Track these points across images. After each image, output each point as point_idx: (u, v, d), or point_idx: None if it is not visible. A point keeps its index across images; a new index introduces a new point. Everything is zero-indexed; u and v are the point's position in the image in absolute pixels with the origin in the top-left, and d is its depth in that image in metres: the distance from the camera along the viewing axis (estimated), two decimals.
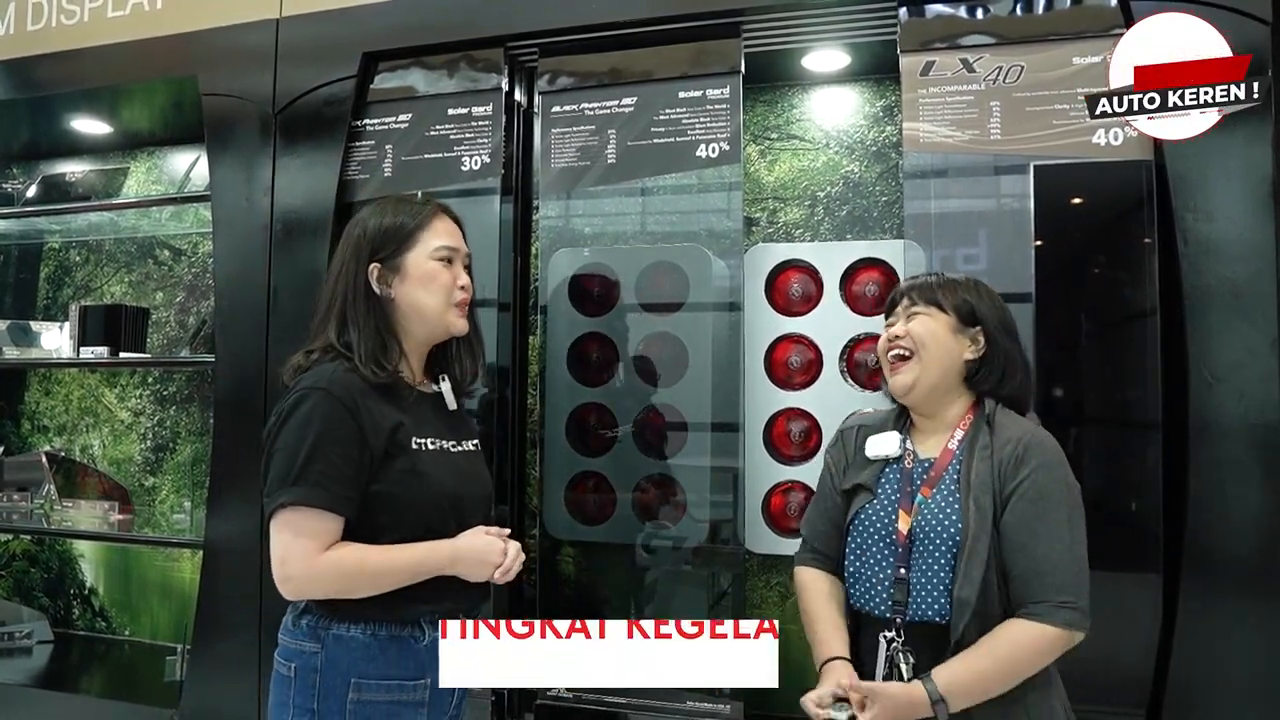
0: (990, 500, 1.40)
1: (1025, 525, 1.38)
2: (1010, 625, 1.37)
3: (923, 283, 1.56)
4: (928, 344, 1.49)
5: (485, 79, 2.34)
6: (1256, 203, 1.77)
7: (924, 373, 1.49)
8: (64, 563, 3.27)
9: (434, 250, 1.55)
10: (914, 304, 1.53)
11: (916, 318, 1.52)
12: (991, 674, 1.36)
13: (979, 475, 1.42)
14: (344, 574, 1.42)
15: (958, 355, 1.50)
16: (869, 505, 1.51)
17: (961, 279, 1.56)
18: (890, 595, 1.44)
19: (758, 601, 2.43)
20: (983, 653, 1.36)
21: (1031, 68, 1.96)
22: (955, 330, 1.50)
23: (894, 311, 1.57)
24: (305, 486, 1.40)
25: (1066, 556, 1.37)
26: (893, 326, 1.55)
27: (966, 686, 1.35)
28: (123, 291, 3.28)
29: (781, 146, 2.53)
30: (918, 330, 1.50)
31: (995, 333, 1.50)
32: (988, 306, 1.52)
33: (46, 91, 2.81)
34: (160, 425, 3.18)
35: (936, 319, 1.51)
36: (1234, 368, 1.75)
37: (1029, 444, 1.43)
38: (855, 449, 1.59)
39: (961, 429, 1.49)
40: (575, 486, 2.30)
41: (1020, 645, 1.36)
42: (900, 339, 1.52)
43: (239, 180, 2.49)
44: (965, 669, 1.35)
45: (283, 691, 1.47)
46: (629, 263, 2.29)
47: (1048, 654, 1.37)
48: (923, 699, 1.34)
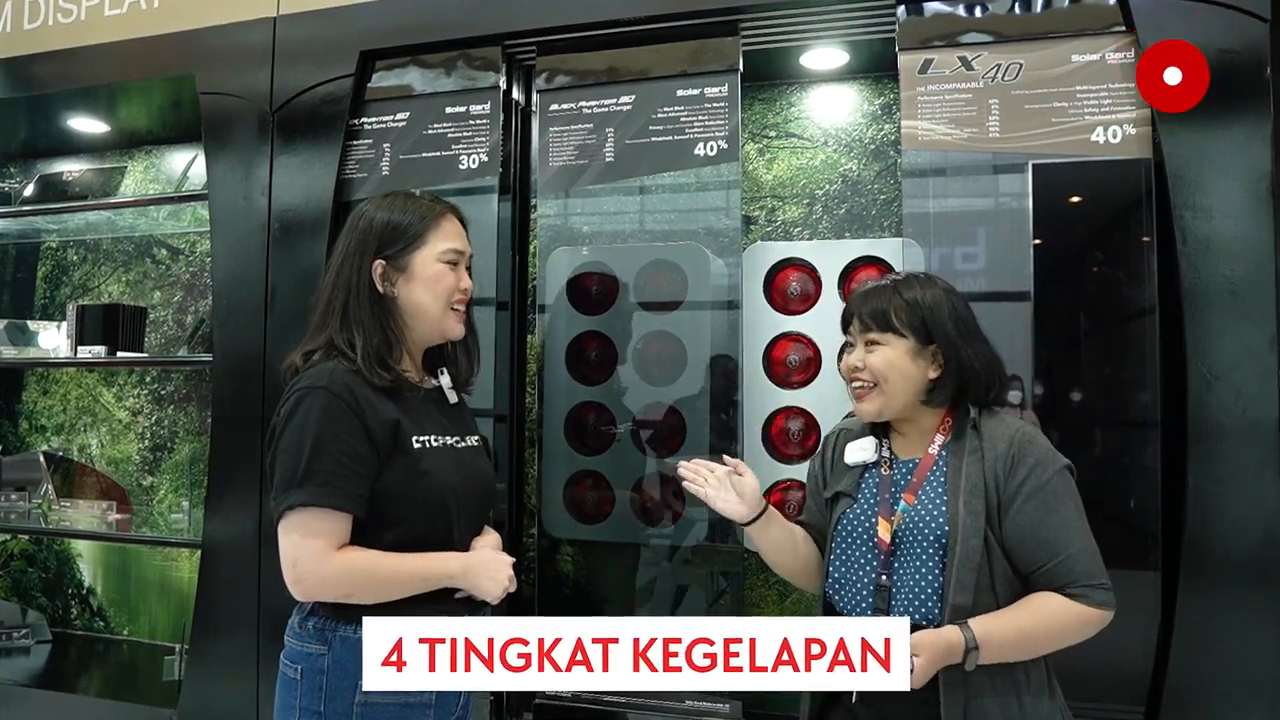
0: (983, 503, 1.39)
1: (1040, 522, 1.38)
2: (1050, 598, 1.37)
3: (874, 306, 1.48)
4: (889, 376, 1.47)
5: (483, 77, 2.33)
6: (1255, 201, 1.77)
7: (888, 401, 1.48)
8: (62, 562, 3.26)
9: (441, 252, 1.55)
10: (868, 329, 1.49)
11: (875, 350, 1.47)
12: (1029, 633, 1.36)
13: (969, 479, 1.41)
14: (355, 577, 1.42)
15: (920, 378, 1.47)
16: (849, 511, 1.51)
17: (912, 281, 1.50)
18: (871, 602, 1.44)
19: (756, 600, 2.43)
20: (1024, 613, 1.36)
21: (1030, 66, 1.96)
22: (915, 354, 1.46)
23: (849, 329, 1.53)
24: (311, 487, 1.39)
25: (1086, 544, 1.39)
26: (851, 355, 1.52)
27: (1000, 639, 1.34)
28: (120, 291, 3.28)
29: (780, 145, 2.52)
30: (877, 364, 1.47)
31: (953, 346, 1.46)
32: (943, 315, 1.46)
33: (43, 90, 2.80)
34: (158, 425, 3.18)
35: (895, 347, 1.47)
36: (1233, 366, 1.75)
37: (1020, 443, 1.43)
38: (835, 455, 1.60)
39: (942, 434, 1.49)
40: (574, 485, 2.30)
41: (1059, 617, 1.36)
42: (860, 371, 1.49)
43: (236, 179, 2.49)
44: (1005, 623, 1.35)
45: (289, 694, 1.47)
46: (627, 261, 2.29)
47: (1084, 632, 1.38)
48: (959, 642, 1.33)
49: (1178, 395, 1.80)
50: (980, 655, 1.33)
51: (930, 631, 1.34)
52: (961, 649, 1.33)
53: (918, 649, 1.31)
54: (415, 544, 1.47)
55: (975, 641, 1.33)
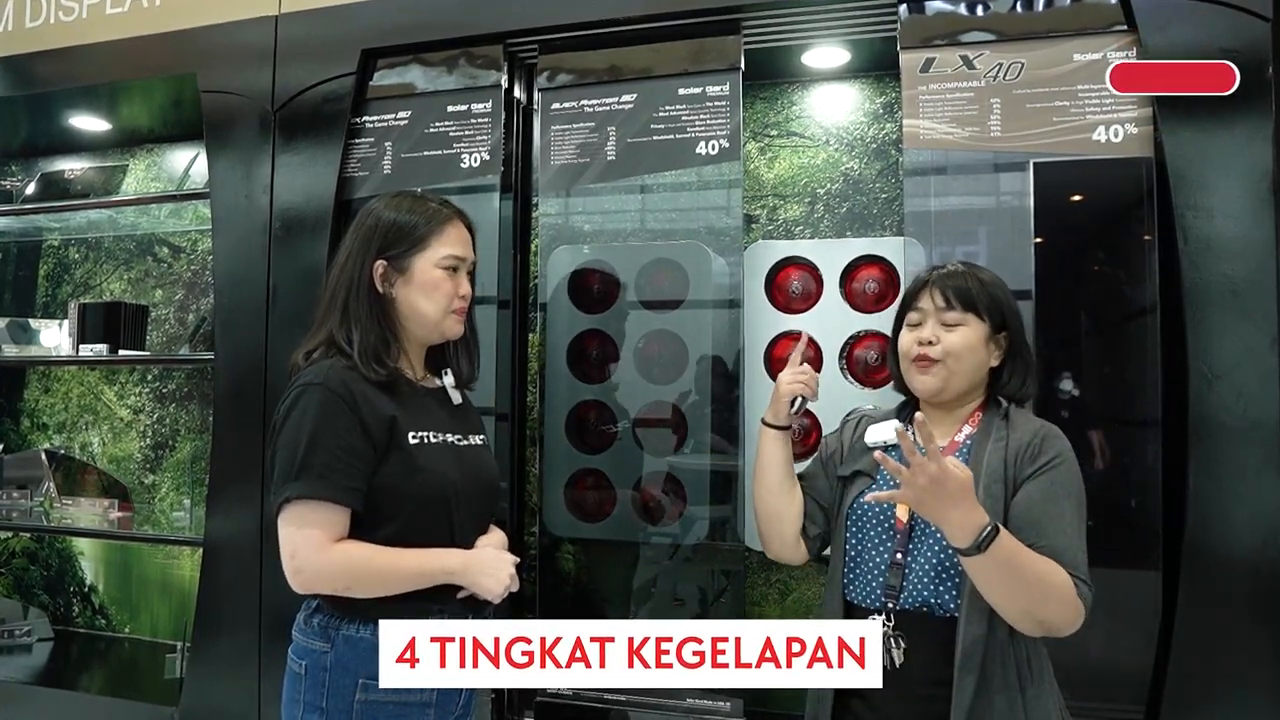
0: (1002, 488, 1.39)
1: (1038, 504, 1.37)
2: (1052, 561, 1.32)
3: (959, 283, 1.48)
4: (963, 357, 1.46)
5: (485, 76, 2.34)
6: (1256, 200, 1.77)
7: (951, 380, 1.47)
8: (64, 560, 3.27)
9: (441, 258, 1.55)
10: (950, 307, 1.47)
11: (956, 330, 1.46)
12: (1031, 570, 1.29)
13: (990, 465, 1.41)
14: (353, 568, 1.42)
15: (985, 364, 1.48)
16: (868, 491, 1.50)
17: (989, 276, 1.52)
18: (884, 580, 1.44)
19: (757, 599, 2.44)
20: (1035, 556, 1.31)
21: (1032, 64, 1.96)
22: (987, 339, 1.47)
23: (918, 304, 1.51)
24: (308, 480, 1.40)
25: (1075, 540, 1.37)
26: (921, 330, 1.49)
27: (1012, 550, 1.27)
28: (122, 289, 3.28)
29: (781, 143, 2.52)
30: (955, 343, 1.45)
31: (1019, 336, 1.49)
32: (1013, 308, 1.50)
33: (45, 88, 2.80)
34: (160, 423, 3.18)
35: (974, 329, 1.46)
36: (1233, 365, 1.75)
37: (1046, 436, 1.43)
38: (855, 436, 1.60)
39: (971, 425, 1.49)
40: (575, 484, 2.30)
41: (1058, 579, 1.30)
42: (932, 346, 1.47)
43: (238, 177, 2.49)
44: (1020, 547, 1.30)
45: (294, 688, 1.48)
46: (629, 260, 2.29)
47: (1065, 612, 1.31)
48: (982, 518, 1.25)
49: (1178, 394, 1.80)
50: (993, 549, 1.25)
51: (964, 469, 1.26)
52: (980, 525, 1.25)
53: (958, 466, 1.25)
54: (414, 540, 1.47)
55: (997, 532, 1.25)
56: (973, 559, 1.27)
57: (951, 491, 1.24)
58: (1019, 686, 1.37)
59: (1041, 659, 1.42)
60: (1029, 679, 1.38)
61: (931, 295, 1.49)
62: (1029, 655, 1.39)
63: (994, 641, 1.36)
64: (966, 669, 1.35)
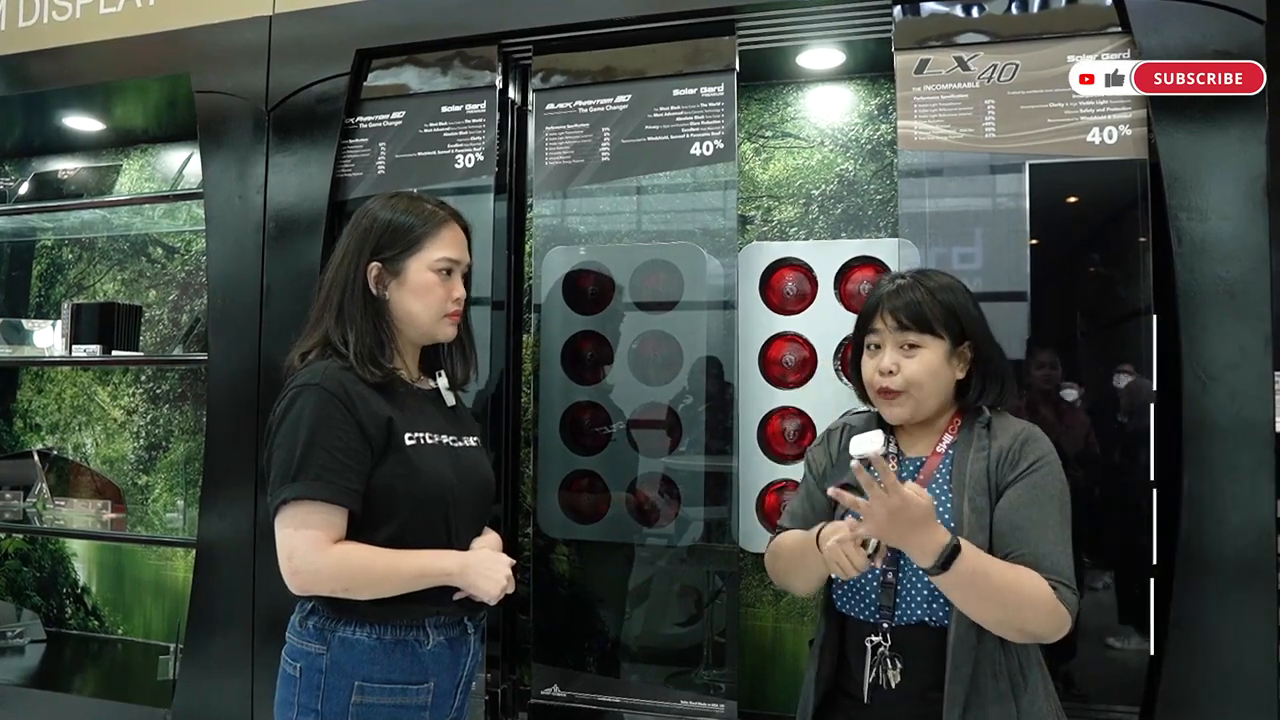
0: (986, 499, 1.39)
1: (1020, 509, 1.36)
2: (1033, 572, 1.32)
3: (910, 300, 1.44)
4: (925, 384, 1.44)
5: (479, 76, 2.33)
6: (1251, 202, 1.77)
7: (920, 407, 1.46)
8: (56, 561, 3.26)
9: (435, 261, 1.55)
10: (905, 329, 1.44)
11: (916, 354, 1.44)
12: (1003, 583, 1.29)
13: (974, 476, 1.40)
14: (350, 570, 1.42)
15: (950, 380, 1.47)
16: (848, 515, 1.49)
17: (933, 276, 1.49)
18: (877, 599, 1.43)
19: (751, 600, 2.43)
20: (1007, 567, 1.31)
21: (1026, 66, 1.96)
22: (948, 356, 1.45)
23: (874, 325, 1.48)
24: (304, 481, 1.40)
25: (1059, 545, 1.36)
26: (882, 357, 1.46)
27: (976, 565, 1.28)
28: (115, 289, 3.27)
29: (776, 145, 2.52)
30: (916, 373, 1.43)
31: (982, 346, 1.47)
32: (972, 314, 1.47)
33: (39, 88, 2.79)
34: (153, 424, 3.17)
35: (933, 350, 1.44)
36: (1228, 367, 1.75)
37: (1027, 440, 1.42)
38: (840, 449, 1.58)
39: (950, 433, 1.48)
40: (569, 485, 2.29)
41: (1035, 589, 1.30)
42: (894, 375, 1.44)
43: (232, 178, 2.48)
44: (988, 560, 1.30)
45: (288, 690, 1.48)
46: (623, 261, 2.29)
47: (1047, 621, 1.31)
48: (944, 537, 1.26)
49: (1173, 396, 1.80)
50: (956, 565, 1.26)
51: (925, 497, 1.26)
52: (942, 544, 1.26)
53: (919, 493, 1.25)
54: (411, 541, 1.47)
55: (960, 548, 1.27)
56: (939, 577, 1.28)
57: (915, 519, 1.25)
58: (1012, 695, 1.36)
59: (1035, 666, 1.41)
60: (1022, 687, 1.37)
61: (883, 318, 1.47)
62: (1021, 664, 1.38)
63: (984, 652, 1.36)
64: (956, 681, 1.35)
